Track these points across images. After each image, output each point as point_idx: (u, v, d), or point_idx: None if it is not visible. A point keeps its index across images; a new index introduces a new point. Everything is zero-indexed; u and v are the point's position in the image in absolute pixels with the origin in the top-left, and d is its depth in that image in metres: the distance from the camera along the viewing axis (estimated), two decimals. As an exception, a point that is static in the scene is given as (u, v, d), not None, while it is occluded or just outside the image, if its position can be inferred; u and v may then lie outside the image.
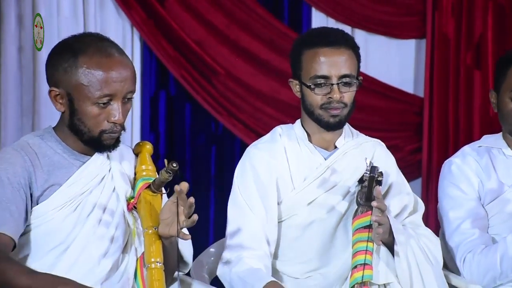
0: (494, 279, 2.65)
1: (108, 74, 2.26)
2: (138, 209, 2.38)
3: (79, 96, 2.27)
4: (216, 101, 3.79)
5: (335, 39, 2.55)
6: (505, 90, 2.73)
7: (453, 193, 2.78)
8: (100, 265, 2.33)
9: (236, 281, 2.47)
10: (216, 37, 3.78)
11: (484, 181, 2.76)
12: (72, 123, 2.31)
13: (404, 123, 4.06)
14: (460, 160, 2.81)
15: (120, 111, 2.28)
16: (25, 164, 2.28)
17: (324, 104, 2.54)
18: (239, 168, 2.64)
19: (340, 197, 2.59)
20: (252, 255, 2.50)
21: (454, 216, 2.74)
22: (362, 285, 2.40)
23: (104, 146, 2.33)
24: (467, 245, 2.69)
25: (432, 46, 3.98)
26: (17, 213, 2.23)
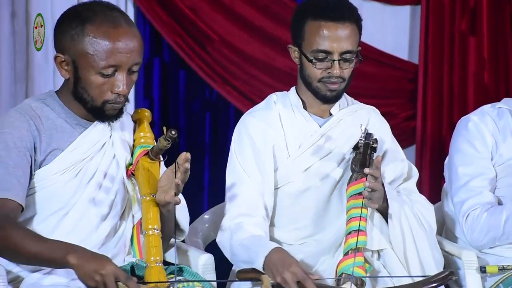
0: (494, 239, 2.68)
1: (115, 44, 2.26)
2: (136, 176, 2.40)
3: (84, 65, 2.27)
4: (211, 68, 3.78)
5: (340, 13, 2.54)
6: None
7: (466, 149, 2.78)
8: (98, 230, 2.35)
9: (237, 249, 2.49)
10: (210, 3, 3.76)
11: (499, 143, 2.77)
12: (76, 91, 2.32)
13: (399, 90, 4.06)
14: (478, 118, 2.81)
15: (124, 82, 2.29)
16: (30, 128, 2.29)
17: (323, 78, 2.55)
18: (235, 136, 2.65)
19: (335, 164, 2.61)
20: (252, 222, 2.52)
21: (464, 172, 2.75)
22: (356, 251, 2.42)
23: (107, 116, 2.34)
24: (473, 202, 2.70)
25: (427, 13, 3.97)
26: (23, 178, 2.25)
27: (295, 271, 2.32)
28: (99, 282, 2.10)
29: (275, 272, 2.35)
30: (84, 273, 2.12)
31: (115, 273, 2.11)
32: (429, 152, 3.95)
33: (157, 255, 2.28)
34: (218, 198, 2.88)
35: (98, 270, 2.10)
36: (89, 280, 2.11)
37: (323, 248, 2.60)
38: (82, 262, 2.12)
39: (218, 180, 3.82)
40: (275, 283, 2.35)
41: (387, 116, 2.85)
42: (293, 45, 2.61)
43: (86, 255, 2.15)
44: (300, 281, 2.31)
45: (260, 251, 2.40)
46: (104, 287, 2.10)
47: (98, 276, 2.10)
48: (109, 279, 2.10)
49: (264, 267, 2.39)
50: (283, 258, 2.37)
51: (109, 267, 2.11)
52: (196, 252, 2.59)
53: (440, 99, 4.00)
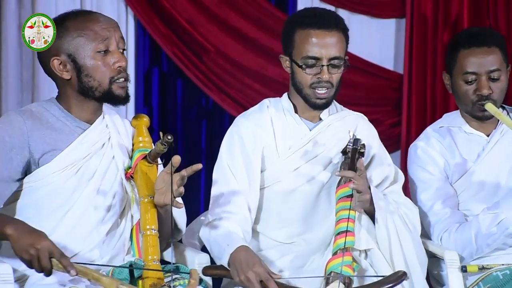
0: (471, 255, 2.67)
1: (97, 23, 2.31)
2: (135, 179, 2.39)
3: (80, 51, 2.30)
4: (207, 77, 3.79)
5: (328, 21, 2.54)
6: (458, 73, 2.73)
7: (421, 175, 2.78)
8: (98, 230, 2.34)
9: (212, 243, 2.46)
10: (206, 16, 3.77)
11: (449, 160, 2.76)
12: (82, 84, 2.33)
13: (384, 98, 4.06)
14: (424, 143, 2.80)
15: (120, 56, 2.32)
16: (25, 127, 2.29)
17: (313, 83, 2.55)
18: (226, 136, 2.64)
19: (321, 168, 2.60)
20: (232, 219, 2.49)
21: (425, 197, 2.75)
22: (344, 250, 2.41)
23: (117, 98, 2.35)
24: (442, 225, 2.70)
25: (411, 25, 3.98)
26: (6, 173, 2.25)
27: (258, 271, 2.29)
28: (34, 256, 2.08)
29: (239, 270, 2.32)
30: (19, 246, 2.10)
31: (50, 249, 2.08)
32: (413, 157, 3.95)
33: (155, 254, 2.27)
34: (214, 200, 2.87)
35: (33, 244, 2.08)
36: (24, 253, 2.09)
37: (312, 248, 2.58)
38: (19, 235, 2.10)
39: (213, 183, 3.84)
40: (238, 282, 2.33)
41: (373, 123, 2.84)
42: (284, 55, 2.61)
43: (23, 228, 2.13)
44: (263, 280, 2.29)
45: (227, 248, 2.37)
46: (37, 262, 2.08)
47: (33, 250, 2.08)
48: (43, 254, 2.07)
49: (229, 264, 2.36)
50: (247, 258, 2.34)
51: (44, 242, 2.09)
52: (193, 252, 2.58)
53: (423, 107, 4.00)
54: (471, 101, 2.72)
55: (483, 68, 2.68)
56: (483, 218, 2.62)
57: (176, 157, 2.25)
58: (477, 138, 2.78)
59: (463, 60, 2.71)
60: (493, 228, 2.60)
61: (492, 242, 2.62)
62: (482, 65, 2.68)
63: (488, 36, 2.73)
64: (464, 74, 2.70)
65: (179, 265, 2.40)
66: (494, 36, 2.76)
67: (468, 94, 2.71)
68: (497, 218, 2.59)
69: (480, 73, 2.69)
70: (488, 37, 2.72)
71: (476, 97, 2.70)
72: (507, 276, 2.57)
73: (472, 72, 2.69)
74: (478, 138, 2.78)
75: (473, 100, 2.71)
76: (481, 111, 2.71)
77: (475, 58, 2.69)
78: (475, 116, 2.75)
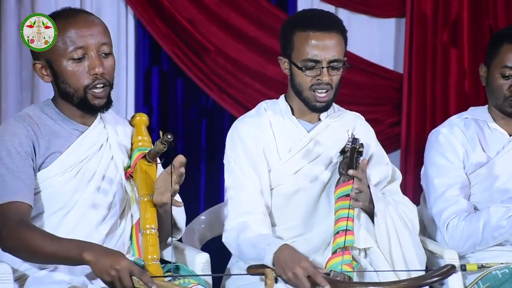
0: (474, 245, 2.68)
1: (77, 28, 2.27)
2: (134, 178, 2.39)
3: (55, 57, 2.28)
4: (207, 76, 3.79)
5: (327, 23, 2.54)
6: (496, 66, 2.74)
7: (439, 161, 2.78)
8: (98, 230, 2.34)
9: (245, 247, 2.46)
10: (207, 15, 3.77)
11: (469, 152, 2.77)
12: (60, 90, 2.32)
13: (384, 98, 4.06)
14: (448, 130, 2.81)
15: (97, 62, 2.28)
16: (28, 133, 2.29)
17: (313, 85, 2.55)
18: (229, 141, 2.64)
19: (323, 167, 2.60)
20: (256, 221, 2.50)
21: (439, 183, 2.75)
22: (344, 249, 2.42)
23: (93, 106, 2.33)
24: (451, 211, 2.70)
25: (411, 25, 3.98)
26: (29, 180, 2.25)
27: (305, 266, 2.30)
28: (115, 277, 2.09)
29: (285, 267, 2.32)
30: (100, 269, 2.11)
31: (130, 268, 2.10)
32: (413, 156, 3.95)
33: (155, 253, 2.27)
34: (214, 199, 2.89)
35: (113, 265, 2.09)
36: (105, 275, 2.10)
37: (312, 247, 2.59)
38: (98, 258, 2.11)
39: (213, 182, 3.84)
40: (286, 279, 2.33)
41: (373, 122, 2.85)
42: (282, 57, 2.61)
43: (100, 251, 2.15)
44: (310, 275, 2.30)
45: (268, 249, 2.37)
46: (119, 282, 2.09)
47: (114, 271, 2.09)
48: (124, 274, 2.09)
49: (274, 263, 2.36)
50: (292, 254, 2.35)
51: (123, 262, 2.10)
52: (193, 252, 2.58)
53: (423, 107, 4.00)
54: (503, 96, 2.73)
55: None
56: (494, 210, 2.63)
57: (181, 157, 2.25)
58: (499, 135, 2.79)
59: (505, 54, 2.72)
60: (503, 222, 2.61)
61: (499, 235, 2.63)
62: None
63: None
64: (503, 67, 2.72)
65: (179, 264, 2.40)
66: None
67: (502, 88, 2.73)
68: (509, 212, 2.61)
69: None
70: None
71: (509, 92, 2.72)
72: (506, 275, 2.57)
73: (511, 67, 2.70)
74: (501, 136, 2.79)
75: (506, 95, 2.72)
76: (511, 107, 2.72)
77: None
78: (504, 111, 2.76)
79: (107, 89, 2.32)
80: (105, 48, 2.30)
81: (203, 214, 2.92)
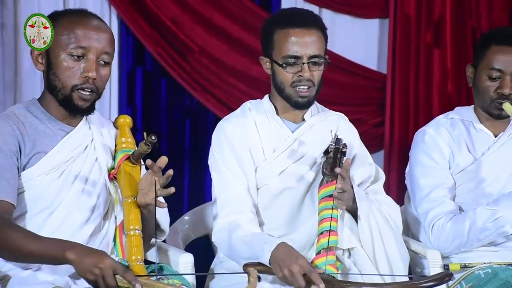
0: (459, 247, 2.69)
1: (86, 29, 2.29)
2: (118, 179, 2.39)
3: (55, 47, 2.29)
4: (191, 77, 3.78)
5: (306, 20, 2.56)
6: (483, 67, 2.74)
7: (425, 161, 2.79)
8: (82, 231, 2.34)
9: (239, 246, 2.46)
10: (191, 16, 3.76)
11: (455, 152, 2.78)
12: (49, 81, 2.32)
13: (368, 98, 4.07)
14: (434, 130, 2.82)
15: (93, 67, 2.29)
16: (14, 132, 2.28)
17: (295, 82, 2.56)
18: (214, 142, 2.64)
19: (307, 167, 2.61)
20: (245, 220, 2.51)
21: (425, 183, 2.76)
22: (328, 250, 2.42)
23: (76, 107, 2.32)
24: (436, 212, 2.71)
25: (394, 26, 3.99)
26: (12, 179, 2.25)
27: (302, 264, 2.31)
28: (98, 276, 2.08)
29: (282, 265, 2.33)
30: (83, 268, 2.10)
31: (113, 267, 2.09)
32: (396, 156, 3.97)
33: (138, 254, 2.27)
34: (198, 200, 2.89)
35: (96, 264, 2.09)
36: (89, 274, 2.10)
37: (297, 247, 2.57)
38: (81, 258, 2.10)
39: (197, 183, 3.84)
40: (281, 276, 2.34)
41: (357, 122, 2.85)
42: (264, 56, 2.62)
43: (83, 250, 2.14)
44: (306, 273, 2.30)
45: (265, 247, 2.38)
46: (102, 281, 2.08)
47: (97, 270, 2.08)
48: (108, 273, 2.08)
49: (271, 261, 2.37)
50: (290, 252, 2.36)
51: (107, 261, 2.10)
52: (177, 252, 2.58)
53: (406, 107, 4.02)
54: (490, 98, 2.73)
55: (510, 67, 2.70)
56: (480, 212, 2.64)
57: (163, 158, 2.25)
58: (485, 136, 2.80)
59: (492, 56, 2.72)
60: (488, 224, 2.62)
61: (484, 237, 2.64)
62: (509, 64, 2.70)
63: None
64: (490, 69, 2.72)
65: (163, 264, 2.40)
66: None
67: (489, 90, 2.73)
68: (494, 214, 2.62)
69: (505, 71, 2.70)
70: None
71: (496, 94, 2.72)
72: (489, 275, 2.58)
73: (498, 69, 2.71)
74: (486, 137, 2.80)
75: (493, 97, 2.73)
76: (498, 109, 2.73)
77: (504, 56, 2.71)
78: (490, 113, 2.77)
79: (94, 95, 2.33)
80: (105, 57, 2.32)
81: (187, 215, 2.91)
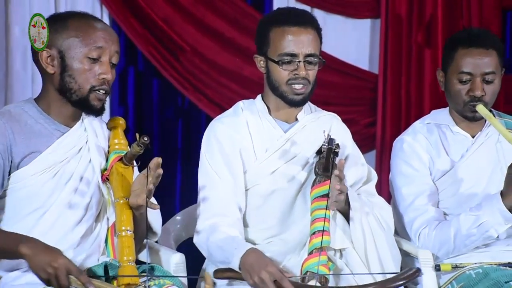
0: (447, 253, 2.68)
1: (97, 31, 2.32)
2: (110, 180, 2.39)
3: (71, 51, 2.30)
4: (183, 76, 3.78)
5: (302, 19, 2.57)
6: (453, 71, 2.74)
7: (405, 170, 2.78)
8: (74, 232, 2.34)
9: (214, 249, 2.47)
10: (183, 15, 3.76)
11: (434, 158, 2.78)
12: (63, 83, 2.32)
13: (360, 98, 4.08)
14: (411, 137, 2.81)
15: (108, 68, 2.31)
16: (5, 131, 2.27)
17: (290, 80, 2.56)
18: (204, 141, 2.64)
19: (299, 168, 2.61)
20: (227, 223, 2.51)
21: (407, 192, 2.76)
22: (320, 250, 2.42)
23: (91, 108, 2.34)
24: (422, 220, 2.71)
25: (386, 26, 4.00)
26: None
27: (271, 271, 2.31)
28: (51, 275, 2.07)
29: (252, 272, 2.33)
30: (36, 265, 2.09)
31: (67, 266, 2.08)
32: (388, 156, 3.89)
33: (130, 255, 2.27)
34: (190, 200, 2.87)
35: (50, 262, 2.08)
36: (41, 271, 2.09)
37: (289, 247, 2.59)
38: (35, 253, 2.10)
39: (189, 183, 3.83)
40: (252, 283, 2.34)
41: (348, 123, 2.85)
42: (258, 55, 2.62)
43: (38, 246, 2.12)
44: (277, 280, 2.30)
45: (235, 252, 2.39)
46: (55, 280, 2.07)
47: (51, 269, 2.07)
48: (61, 272, 2.07)
49: (240, 267, 2.38)
50: (258, 259, 2.36)
51: (61, 260, 2.08)
52: (168, 252, 2.57)
53: (398, 107, 4.02)
54: (463, 101, 2.73)
55: (479, 69, 2.70)
56: (464, 219, 2.63)
57: (157, 159, 2.24)
58: (462, 139, 2.79)
59: (460, 60, 2.72)
60: (473, 230, 2.62)
61: (470, 243, 2.64)
62: (478, 66, 2.70)
63: (487, 38, 2.74)
64: (459, 73, 2.72)
65: (154, 265, 2.40)
66: (493, 39, 2.76)
67: (461, 94, 2.72)
68: (478, 220, 2.61)
69: (475, 74, 2.70)
70: (487, 39, 2.73)
71: (468, 97, 2.71)
72: (480, 275, 2.59)
73: (467, 72, 2.71)
74: (464, 139, 2.79)
75: (465, 100, 2.72)
76: (472, 112, 2.72)
77: (472, 58, 2.70)
78: (465, 116, 2.76)
79: (106, 96, 2.36)
80: (116, 57, 2.34)
81: (179, 215, 2.91)
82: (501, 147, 2.76)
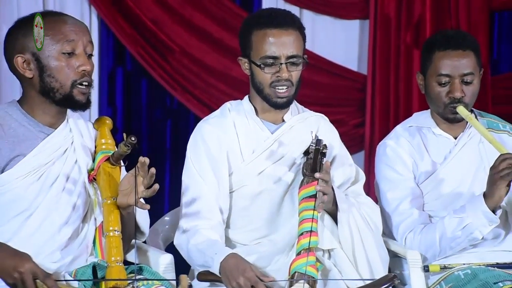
0: (434, 256, 2.69)
1: (65, 25, 2.30)
2: (98, 180, 2.38)
3: (45, 51, 2.29)
4: (171, 77, 3.78)
5: (283, 20, 2.56)
6: (431, 74, 2.74)
7: (389, 175, 2.78)
8: (60, 233, 2.33)
9: (194, 253, 2.47)
10: (171, 16, 3.76)
11: (418, 161, 2.78)
12: (44, 84, 2.31)
13: (348, 99, 4.08)
14: (394, 142, 2.81)
15: (85, 59, 2.30)
16: None
17: (273, 82, 2.56)
18: (191, 142, 2.64)
19: (286, 168, 2.61)
20: (208, 225, 2.51)
21: (392, 197, 2.76)
22: (308, 251, 2.42)
23: (77, 103, 2.33)
24: (407, 225, 2.71)
25: (374, 27, 4.01)
26: None
27: (248, 276, 2.32)
28: (17, 280, 2.07)
29: (230, 277, 2.35)
30: (2, 270, 2.09)
31: (33, 271, 2.07)
32: (376, 157, 3.97)
33: (118, 255, 2.26)
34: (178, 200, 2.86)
35: (16, 267, 2.07)
36: (8, 277, 2.08)
37: (277, 248, 2.59)
38: (1, 258, 2.09)
39: (178, 183, 3.79)
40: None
41: (337, 123, 2.85)
42: (242, 57, 2.62)
43: (5, 251, 2.12)
44: (253, 285, 2.32)
45: (215, 257, 2.40)
46: (22, 285, 2.06)
47: (17, 274, 2.07)
48: (27, 277, 2.06)
49: (220, 272, 2.38)
50: (237, 264, 2.36)
51: (27, 265, 2.08)
52: (157, 252, 2.57)
53: (387, 108, 4.03)
54: (443, 103, 2.73)
55: (457, 71, 2.70)
56: (448, 222, 2.64)
57: (144, 158, 2.24)
58: (445, 140, 2.80)
59: (438, 62, 2.72)
60: (458, 232, 2.62)
61: (456, 245, 2.65)
62: (456, 68, 2.70)
63: (463, 40, 2.74)
64: (438, 76, 2.72)
65: (142, 265, 2.39)
66: (469, 40, 2.76)
67: (440, 96, 2.73)
68: (462, 222, 2.61)
69: (453, 75, 2.70)
70: (463, 41, 2.73)
71: (448, 99, 2.72)
72: (469, 276, 2.59)
73: (445, 74, 2.71)
74: (446, 140, 2.80)
75: (445, 102, 2.72)
76: (453, 114, 2.73)
77: (450, 60, 2.70)
78: (446, 118, 2.76)
79: (89, 88, 2.35)
80: (90, 47, 2.34)
81: (167, 215, 2.90)
82: (484, 147, 2.76)
